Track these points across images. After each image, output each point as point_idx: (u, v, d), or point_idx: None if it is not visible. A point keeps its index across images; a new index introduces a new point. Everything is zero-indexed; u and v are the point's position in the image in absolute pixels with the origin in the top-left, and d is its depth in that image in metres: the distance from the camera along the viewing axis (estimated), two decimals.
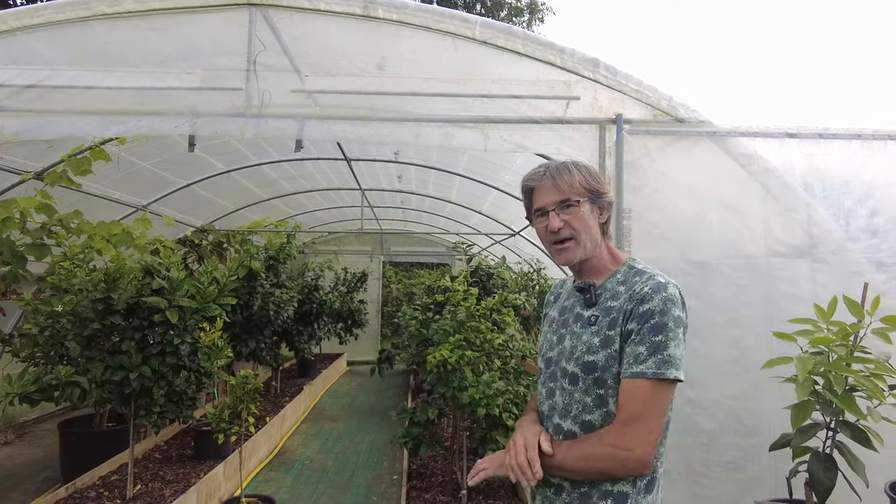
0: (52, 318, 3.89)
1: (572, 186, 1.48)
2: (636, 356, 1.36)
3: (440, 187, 7.35)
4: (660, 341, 1.35)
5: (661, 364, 1.34)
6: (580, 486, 1.42)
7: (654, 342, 1.35)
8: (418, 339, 4.81)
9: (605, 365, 1.41)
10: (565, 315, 1.58)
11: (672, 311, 1.37)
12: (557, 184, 1.49)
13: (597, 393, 1.42)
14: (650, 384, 1.34)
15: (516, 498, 4.40)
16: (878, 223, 2.62)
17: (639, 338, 1.37)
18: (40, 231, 4.02)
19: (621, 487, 1.40)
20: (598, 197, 1.50)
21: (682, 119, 2.79)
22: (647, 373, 1.34)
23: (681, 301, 1.40)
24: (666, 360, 1.34)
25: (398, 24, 2.81)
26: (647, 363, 1.35)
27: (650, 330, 1.36)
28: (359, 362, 11.20)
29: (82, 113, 2.86)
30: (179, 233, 6.83)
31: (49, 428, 6.08)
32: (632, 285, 1.44)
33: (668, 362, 1.34)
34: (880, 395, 1.76)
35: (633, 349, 1.37)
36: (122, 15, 2.80)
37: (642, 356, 1.35)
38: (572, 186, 1.48)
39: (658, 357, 1.34)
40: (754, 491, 2.51)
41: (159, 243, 5.17)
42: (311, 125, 2.90)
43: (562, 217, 1.49)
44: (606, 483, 1.40)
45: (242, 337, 6.45)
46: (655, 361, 1.34)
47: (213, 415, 3.62)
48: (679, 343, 1.37)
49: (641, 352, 1.36)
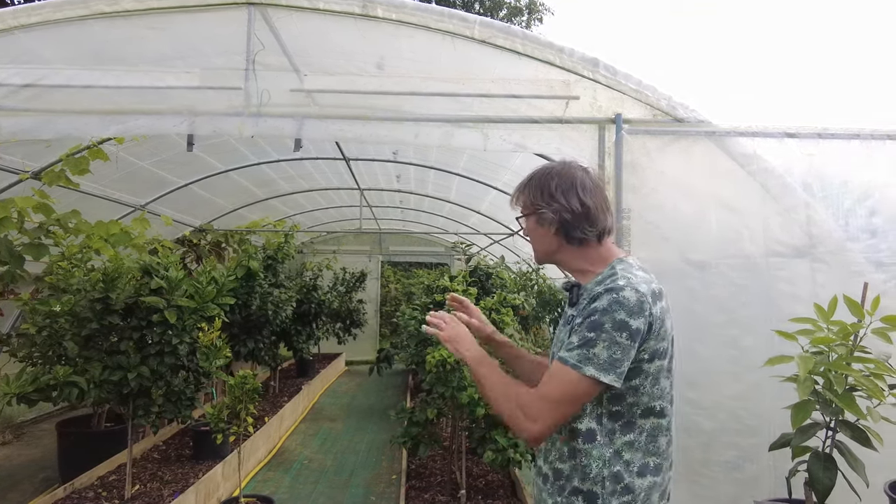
0: (50, 318, 3.88)
1: (518, 201, 1.64)
2: (567, 343, 1.44)
3: (439, 187, 7.35)
4: (590, 338, 1.40)
5: (583, 359, 1.39)
6: (559, 479, 1.51)
7: (584, 337, 1.41)
8: (417, 338, 4.80)
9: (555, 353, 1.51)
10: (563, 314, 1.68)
11: (616, 313, 1.39)
12: (512, 201, 1.66)
13: None
14: (568, 373, 1.41)
15: (515, 497, 4.40)
16: (877, 223, 2.63)
17: (577, 329, 1.44)
18: (38, 231, 4.01)
19: (591, 487, 1.45)
20: (539, 209, 1.57)
21: (681, 119, 2.79)
22: (568, 361, 1.41)
23: (635, 307, 1.39)
24: (589, 356, 1.39)
25: (397, 23, 2.81)
26: (572, 352, 1.41)
27: (587, 325, 1.41)
28: (357, 362, 11.19)
29: (80, 112, 2.85)
30: (178, 232, 6.81)
31: (47, 428, 6.07)
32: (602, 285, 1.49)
33: (590, 359, 1.39)
34: (880, 395, 1.76)
35: (570, 337, 1.45)
36: (120, 14, 2.79)
37: (572, 345, 1.42)
38: (518, 201, 1.64)
39: (582, 351, 1.40)
40: (753, 490, 2.51)
41: (158, 243, 5.16)
42: (310, 124, 2.90)
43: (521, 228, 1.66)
44: (576, 478, 1.48)
45: (241, 337, 6.44)
46: (579, 354, 1.40)
47: (212, 415, 3.62)
48: (612, 346, 1.38)
49: (573, 341, 1.43)
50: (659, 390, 1.48)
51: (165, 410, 4.04)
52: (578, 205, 1.53)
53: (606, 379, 1.38)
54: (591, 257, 1.58)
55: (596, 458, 1.46)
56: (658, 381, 1.48)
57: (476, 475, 4.84)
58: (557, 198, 1.55)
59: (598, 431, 1.46)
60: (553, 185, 1.56)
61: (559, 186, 1.55)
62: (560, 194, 1.54)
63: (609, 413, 1.46)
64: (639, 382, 1.45)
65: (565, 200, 1.54)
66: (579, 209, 1.53)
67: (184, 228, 6.96)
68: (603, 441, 1.46)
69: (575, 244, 1.56)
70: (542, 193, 1.57)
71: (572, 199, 1.54)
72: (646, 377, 1.45)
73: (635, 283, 1.42)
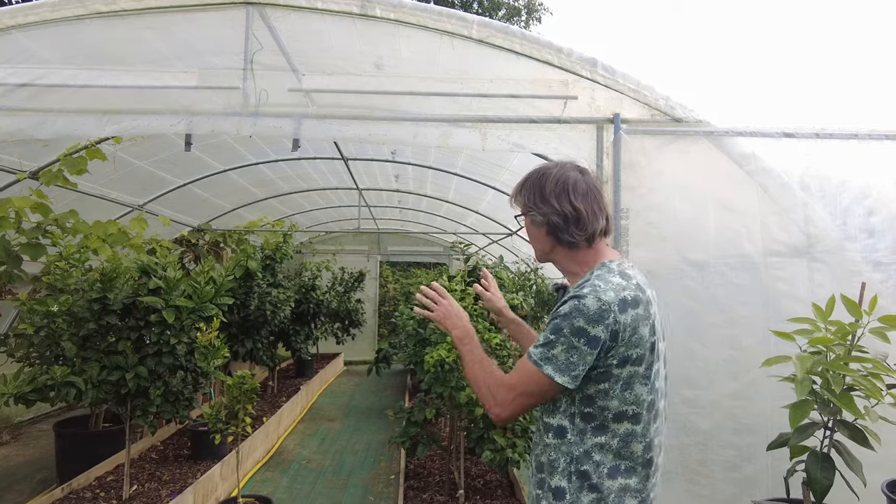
0: (48, 318, 3.87)
1: (518, 203, 1.67)
2: (536, 339, 1.52)
3: (438, 187, 7.35)
4: (551, 339, 1.45)
5: (543, 357, 1.46)
6: (540, 472, 1.57)
7: (547, 338, 1.47)
8: (415, 338, 4.80)
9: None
10: None
11: (575, 320, 1.42)
12: (511, 201, 1.70)
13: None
14: (530, 368, 1.48)
15: (514, 498, 4.40)
16: (874, 222, 2.63)
17: (546, 328, 1.50)
18: (36, 231, 4.00)
19: (558, 482, 1.50)
20: (531, 211, 1.61)
21: (679, 119, 2.79)
22: (532, 356, 1.48)
23: (594, 315, 1.41)
24: (548, 356, 1.45)
25: (395, 23, 2.80)
26: (537, 349, 1.48)
27: (551, 326, 1.47)
28: (356, 362, 11.19)
29: (78, 112, 2.85)
30: (176, 232, 6.80)
31: (45, 428, 6.06)
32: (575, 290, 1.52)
33: (549, 359, 1.45)
34: (878, 395, 1.76)
35: (541, 335, 1.51)
36: (117, 13, 2.79)
37: (538, 341, 1.49)
38: (518, 203, 1.67)
39: (544, 350, 1.46)
40: (751, 490, 2.52)
41: (156, 243, 5.15)
42: (308, 124, 2.89)
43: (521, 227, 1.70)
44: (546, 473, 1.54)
45: (239, 337, 6.43)
46: (541, 352, 1.47)
47: (210, 415, 3.61)
48: (569, 350, 1.43)
49: (539, 339, 1.49)
50: (633, 396, 1.47)
51: (163, 411, 4.03)
52: (570, 209, 1.54)
53: (561, 380, 1.44)
54: (580, 260, 1.60)
55: (564, 454, 1.50)
56: (631, 386, 1.47)
57: (474, 475, 4.84)
58: (550, 200, 1.56)
59: (569, 430, 1.50)
60: (546, 188, 1.58)
61: (552, 189, 1.57)
62: (553, 197, 1.56)
63: (581, 414, 1.49)
64: (608, 387, 1.46)
65: (557, 204, 1.55)
66: (570, 213, 1.54)
67: (182, 228, 6.95)
68: (573, 440, 1.50)
69: (565, 246, 1.59)
70: (535, 195, 1.60)
71: (563, 203, 1.55)
72: (616, 382, 1.46)
73: (600, 292, 1.43)
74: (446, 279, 4.73)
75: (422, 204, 8.76)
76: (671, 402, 1.52)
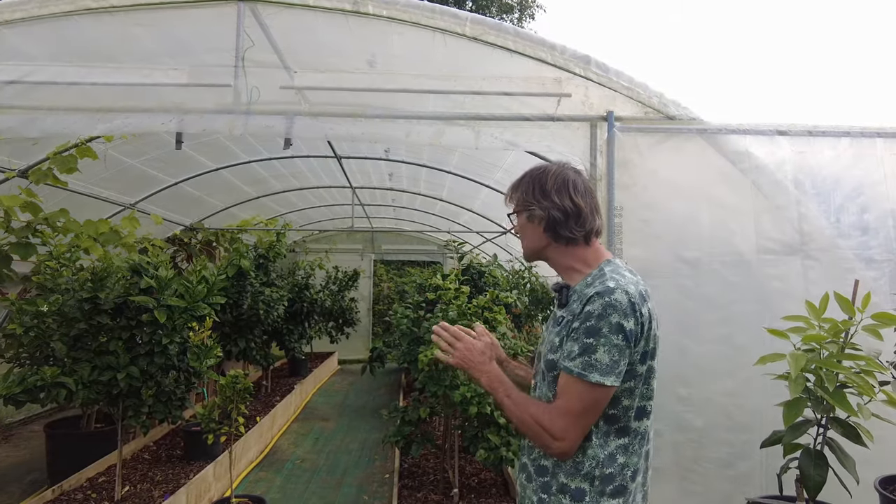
0: (38, 318, 3.83)
1: (511, 198, 1.66)
2: (569, 352, 1.45)
3: (431, 185, 7.33)
4: (590, 344, 1.41)
5: (587, 366, 1.40)
6: (543, 476, 1.52)
7: (585, 343, 1.41)
8: (410, 337, 4.79)
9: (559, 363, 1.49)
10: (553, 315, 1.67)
11: (611, 317, 1.40)
12: (506, 199, 1.69)
13: (556, 390, 1.50)
14: (579, 382, 1.41)
15: (508, 496, 4.40)
16: (867, 220, 2.64)
17: (575, 335, 1.44)
18: (25, 230, 3.96)
19: (579, 484, 1.46)
20: (528, 207, 1.60)
21: (672, 116, 2.79)
22: (573, 371, 1.42)
23: (627, 308, 1.41)
24: (591, 363, 1.40)
25: (388, 20, 2.79)
26: (575, 361, 1.42)
27: (585, 331, 1.42)
28: (350, 361, 11.16)
29: (67, 110, 2.81)
30: (168, 231, 6.75)
31: (35, 430, 6.00)
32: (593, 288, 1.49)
33: (592, 366, 1.40)
34: (871, 392, 1.77)
35: (570, 345, 1.45)
36: (107, 10, 2.75)
37: (573, 353, 1.43)
38: (511, 198, 1.66)
39: (585, 359, 1.41)
40: (745, 487, 2.52)
41: (147, 242, 5.11)
42: (301, 122, 2.87)
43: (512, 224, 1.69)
44: (561, 475, 1.48)
45: (232, 336, 6.40)
46: (582, 362, 1.41)
47: (203, 415, 3.59)
48: (612, 349, 1.40)
49: (574, 349, 1.43)
50: (649, 391, 1.51)
51: (156, 411, 4.00)
52: (571, 204, 1.56)
53: (609, 382, 1.40)
54: (580, 257, 1.59)
55: (590, 458, 1.46)
56: (648, 381, 1.50)
57: (469, 474, 4.84)
58: (551, 195, 1.57)
59: (593, 432, 1.47)
60: (547, 184, 1.59)
61: (553, 185, 1.58)
62: (554, 193, 1.57)
63: (605, 416, 1.46)
64: (633, 385, 1.47)
65: (558, 199, 1.56)
66: (571, 208, 1.56)
67: (174, 227, 6.90)
68: (598, 442, 1.47)
69: (562, 242, 1.58)
70: (535, 191, 1.60)
71: (564, 199, 1.56)
72: (639, 378, 1.47)
73: (624, 285, 1.43)
74: (440, 278, 4.72)
75: (416, 202, 8.74)
76: (666, 400, 1.52)
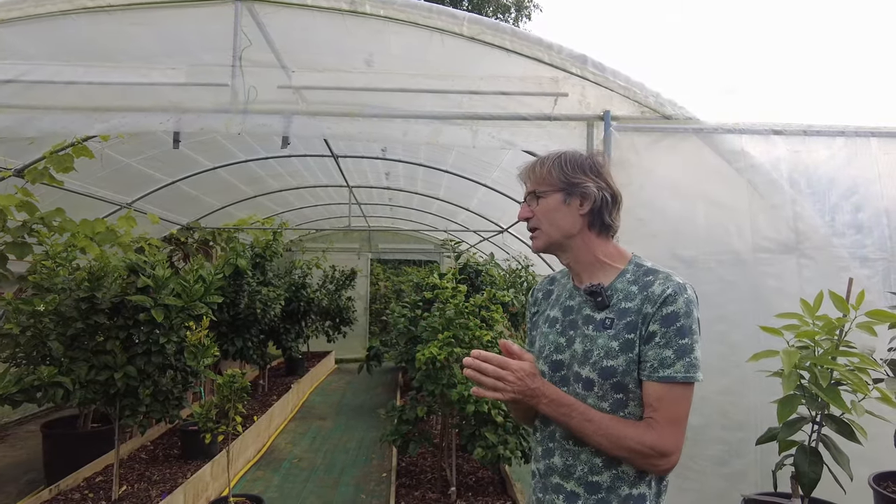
0: (34, 317, 3.83)
1: (540, 178, 1.51)
2: (662, 360, 1.34)
3: (428, 184, 7.33)
4: (686, 344, 1.34)
5: (689, 367, 1.33)
6: (597, 492, 1.40)
7: (680, 345, 1.34)
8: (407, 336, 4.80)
9: (626, 369, 1.38)
10: (572, 316, 1.52)
11: (694, 313, 1.37)
12: (531, 176, 1.54)
13: (615, 398, 1.40)
14: (681, 388, 1.34)
15: (505, 494, 4.41)
16: (861, 219, 2.65)
17: (664, 341, 1.35)
18: (21, 229, 3.94)
19: (641, 490, 1.39)
20: (573, 187, 1.48)
21: (669, 116, 2.80)
22: (678, 377, 1.33)
23: (697, 301, 1.40)
24: (692, 363, 1.34)
25: (385, 19, 2.79)
26: (675, 367, 1.33)
27: (676, 333, 1.34)
28: (347, 360, 11.16)
29: (65, 109, 2.81)
30: (165, 231, 6.74)
31: (32, 429, 5.99)
32: (646, 285, 1.41)
33: (694, 365, 1.34)
34: (864, 389, 1.78)
35: (659, 352, 1.35)
36: (104, 9, 2.75)
37: (669, 360, 1.34)
38: (540, 178, 1.51)
39: (686, 360, 1.34)
40: (740, 484, 2.53)
41: (144, 241, 5.10)
42: (298, 121, 2.87)
43: (531, 207, 1.53)
44: (624, 487, 1.39)
45: (229, 335, 6.40)
46: (684, 365, 1.33)
47: (200, 414, 3.59)
48: (699, 345, 1.37)
49: (668, 355, 1.34)
50: None
51: (153, 410, 4.00)
52: (617, 189, 1.51)
53: (701, 377, 1.35)
54: (606, 250, 1.51)
55: None
56: None
57: (466, 472, 4.85)
58: (603, 175, 1.50)
59: None
60: (596, 163, 1.51)
61: (600, 165, 1.51)
62: (605, 173, 1.51)
63: None
64: None
65: (609, 180, 1.50)
66: (619, 193, 1.51)
67: (171, 227, 6.89)
68: None
69: (595, 231, 1.49)
70: (584, 169, 1.49)
71: (612, 181, 1.51)
72: None
73: (684, 279, 1.41)
74: (437, 277, 4.73)
75: (413, 201, 8.75)
76: None
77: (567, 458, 1.44)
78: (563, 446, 1.45)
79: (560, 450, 1.46)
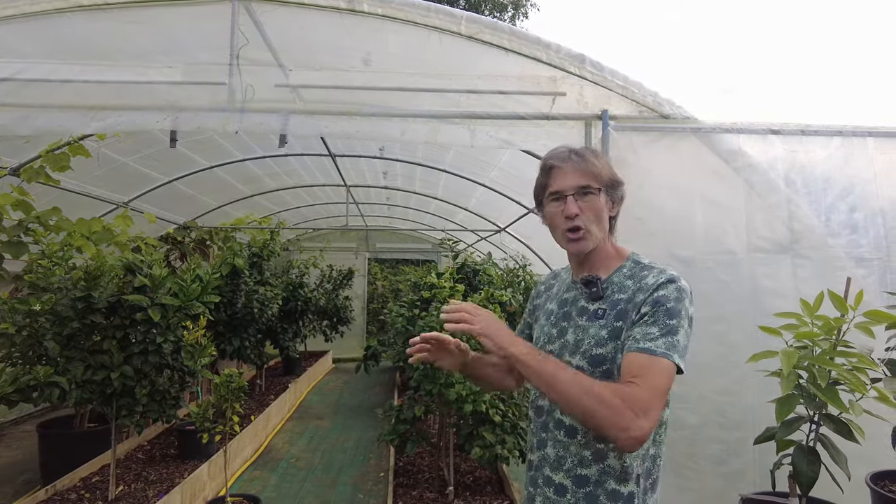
0: (30, 317, 3.81)
1: (596, 174, 1.44)
2: (646, 334, 1.33)
3: (426, 184, 7.33)
4: (672, 325, 1.33)
5: (670, 347, 1.31)
6: (585, 486, 1.40)
7: (667, 325, 1.33)
8: (405, 335, 4.79)
9: (614, 356, 1.39)
10: (566, 308, 1.54)
11: (684, 301, 1.37)
12: (582, 168, 1.44)
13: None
14: (660, 362, 1.29)
15: (503, 494, 4.41)
16: (858, 219, 2.66)
17: (652, 319, 1.34)
18: (17, 228, 3.92)
19: (630, 488, 1.39)
20: (614, 189, 1.49)
21: (667, 115, 2.80)
22: (657, 351, 1.30)
23: (691, 296, 1.40)
24: (674, 344, 1.32)
25: (383, 18, 2.78)
26: (657, 342, 1.31)
27: (665, 313, 1.34)
28: (344, 360, 11.15)
29: (61, 108, 2.79)
30: (161, 230, 6.72)
31: (28, 429, 5.97)
32: (641, 279, 1.43)
33: (675, 346, 1.31)
34: (862, 389, 1.78)
35: (644, 329, 1.34)
36: (100, 7, 2.74)
37: (653, 335, 1.32)
38: (596, 174, 1.44)
39: (668, 339, 1.31)
40: (738, 484, 2.54)
41: (141, 241, 5.08)
42: (296, 120, 2.87)
43: (579, 204, 1.44)
44: (610, 482, 1.38)
45: (226, 335, 6.38)
46: (665, 343, 1.31)
47: (197, 414, 3.58)
48: (686, 334, 1.36)
49: (653, 332, 1.33)
50: None
51: (150, 410, 3.99)
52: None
53: (682, 366, 1.33)
54: (614, 246, 1.55)
55: (635, 457, 1.40)
56: None
57: (464, 472, 4.85)
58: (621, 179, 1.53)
59: None
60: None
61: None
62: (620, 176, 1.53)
63: None
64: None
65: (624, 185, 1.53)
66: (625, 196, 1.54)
67: (168, 226, 6.87)
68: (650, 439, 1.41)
69: (612, 230, 1.54)
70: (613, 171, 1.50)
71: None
72: None
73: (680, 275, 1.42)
74: (435, 276, 4.73)
75: (410, 201, 8.74)
76: None
77: (559, 449, 1.45)
78: (556, 437, 1.46)
79: (552, 440, 1.46)
